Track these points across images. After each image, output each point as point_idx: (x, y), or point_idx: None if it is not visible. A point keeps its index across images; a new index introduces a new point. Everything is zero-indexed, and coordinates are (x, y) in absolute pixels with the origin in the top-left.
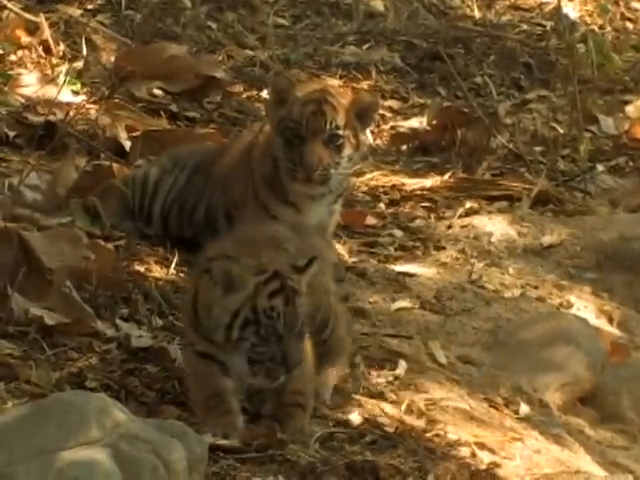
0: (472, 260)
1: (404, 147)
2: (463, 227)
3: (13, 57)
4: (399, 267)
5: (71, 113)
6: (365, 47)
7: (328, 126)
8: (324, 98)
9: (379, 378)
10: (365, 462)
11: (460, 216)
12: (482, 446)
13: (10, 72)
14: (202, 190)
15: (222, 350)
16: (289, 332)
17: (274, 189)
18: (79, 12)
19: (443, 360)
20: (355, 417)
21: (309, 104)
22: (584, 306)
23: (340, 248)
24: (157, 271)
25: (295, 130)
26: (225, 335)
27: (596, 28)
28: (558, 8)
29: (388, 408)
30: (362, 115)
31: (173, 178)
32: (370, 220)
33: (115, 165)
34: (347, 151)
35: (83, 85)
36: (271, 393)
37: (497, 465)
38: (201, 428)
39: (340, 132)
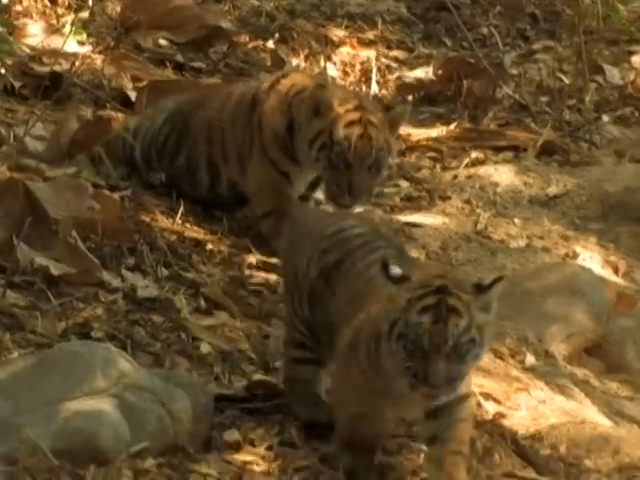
0: (478, 210)
1: (410, 97)
2: (469, 177)
3: (18, 7)
4: (405, 217)
5: (77, 63)
6: None
7: (374, 151)
8: (367, 119)
9: None
10: None
11: (466, 166)
12: (488, 396)
13: (15, 22)
14: (183, 135)
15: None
16: (435, 351)
17: (285, 148)
18: None
19: None
20: None
21: (354, 126)
22: (590, 256)
23: None
24: (163, 221)
25: (341, 155)
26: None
27: None
28: None
29: None
30: (393, 126)
31: (150, 122)
32: None
33: (121, 115)
34: (385, 170)
35: (89, 35)
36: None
37: (503, 415)
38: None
39: (382, 154)
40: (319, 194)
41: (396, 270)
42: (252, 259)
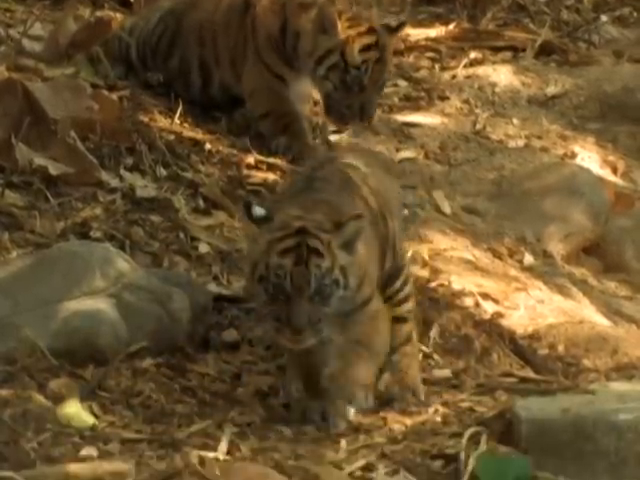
0: (476, 110)
1: None
2: (467, 77)
3: None
4: (403, 117)
5: None
6: None
7: (387, 74)
8: (383, 43)
9: None
10: None
11: (464, 66)
12: (486, 296)
13: None
14: (176, 35)
15: None
16: (297, 293)
17: (278, 51)
18: None
19: (447, 210)
20: None
21: (371, 50)
22: (588, 156)
23: None
24: (161, 121)
25: (357, 79)
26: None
27: None
28: None
29: None
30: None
31: (145, 21)
32: None
33: (119, 16)
34: None
35: None
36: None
37: (501, 315)
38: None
39: (390, 73)
40: None
41: (259, 211)
42: (251, 159)
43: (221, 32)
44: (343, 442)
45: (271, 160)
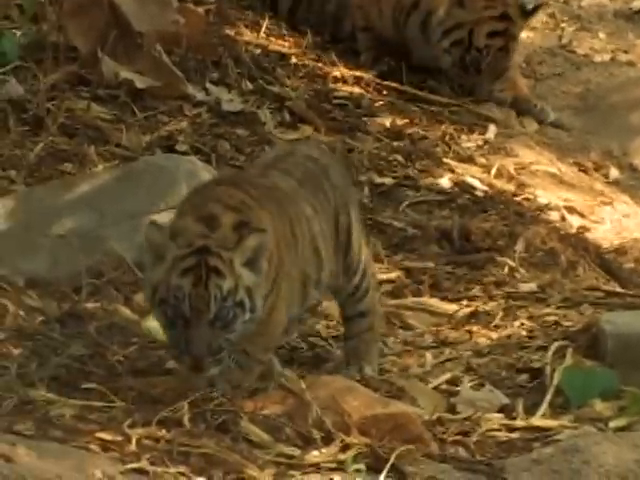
0: (562, 24)
1: None
2: None
3: None
4: None
5: None
6: None
7: (507, 64)
8: (512, 33)
9: (469, 142)
10: (456, 225)
11: None
12: (572, 210)
13: None
14: None
15: None
16: (196, 318)
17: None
18: None
19: (533, 124)
20: (445, 182)
21: (497, 38)
22: None
23: None
24: (247, 35)
25: (475, 61)
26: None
27: None
28: None
29: (478, 172)
30: None
31: None
32: None
33: None
34: None
35: None
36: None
37: (586, 229)
38: None
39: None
40: None
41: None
42: (337, 72)
43: None
44: (429, 355)
45: (358, 73)
